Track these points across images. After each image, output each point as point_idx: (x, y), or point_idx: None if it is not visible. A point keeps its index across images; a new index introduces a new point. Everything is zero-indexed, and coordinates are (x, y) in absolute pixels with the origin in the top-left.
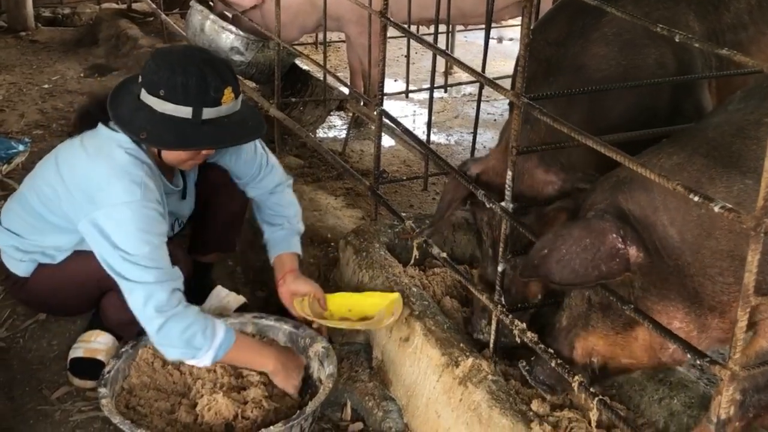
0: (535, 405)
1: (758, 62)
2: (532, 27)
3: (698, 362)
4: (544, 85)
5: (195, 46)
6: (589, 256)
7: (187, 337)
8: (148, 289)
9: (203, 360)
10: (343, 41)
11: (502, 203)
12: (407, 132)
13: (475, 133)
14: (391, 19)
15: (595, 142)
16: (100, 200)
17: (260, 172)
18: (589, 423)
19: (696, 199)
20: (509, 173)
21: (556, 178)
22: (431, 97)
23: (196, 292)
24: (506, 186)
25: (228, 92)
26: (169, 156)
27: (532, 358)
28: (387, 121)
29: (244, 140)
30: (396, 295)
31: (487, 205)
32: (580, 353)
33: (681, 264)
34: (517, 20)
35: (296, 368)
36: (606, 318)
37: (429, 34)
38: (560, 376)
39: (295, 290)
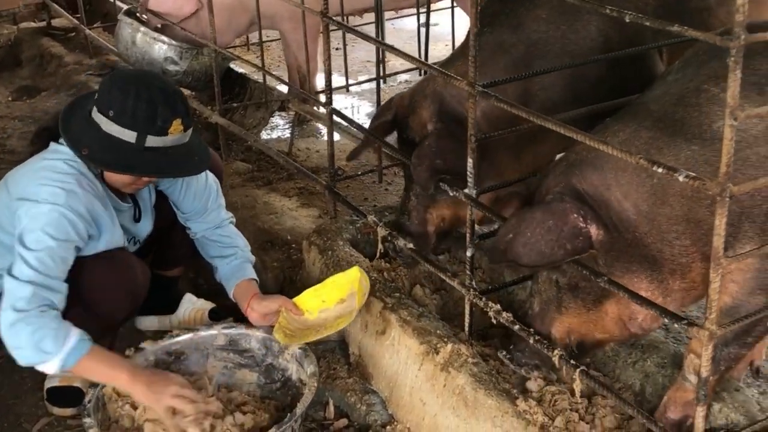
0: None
1: (710, 35)
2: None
3: (676, 325)
4: (483, 35)
5: (154, 73)
6: (553, 237)
7: (36, 339)
8: (16, 284)
9: (51, 366)
10: (274, 40)
11: (465, 190)
12: (360, 128)
13: None
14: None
15: (553, 123)
16: (26, 195)
17: (206, 208)
18: (572, 394)
19: (660, 170)
20: (470, 161)
21: (430, 121)
22: (378, 88)
23: (165, 305)
24: (468, 172)
25: (177, 124)
26: (111, 177)
27: (511, 346)
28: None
29: (183, 173)
30: (356, 270)
31: (450, 190)
32: (559, 335)
33: (639, 235)
34: (446, 2)
35: (165, 387)
36: (576, 298)
37: (361, 25)
38: (540, 356)
39: (266, 311)
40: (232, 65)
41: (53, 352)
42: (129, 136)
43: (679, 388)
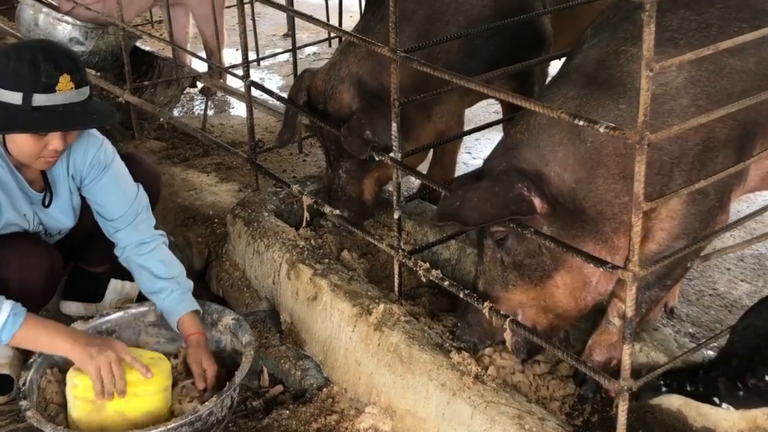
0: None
1: None
2: None
3: (602, 268)
4: (380, 4)
5: (43, 39)
6: (499, 200)
7: None
8: None
9: None
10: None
11: (391, 154)
12: (280, 98)
13: None
14: None
15: (476, 84)
16: None
17: (136, 214)
18: (503, 344)
19: (581, 123)
20: (394, 125)
21: (353, 101)
22: (295, 59)
23: (92, 294)
24: (393, 136)
25: (65, 80)
26: (15, 148)
27: (456, 325)
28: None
29: (77, 126)
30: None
31: (376, 157)
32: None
33: (580, 200)
34: None
35: (103, 351)
36: (522, 275)
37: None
38: (480, 331)
39: (194, 367)
40: (138, 44)
41: None
42: (15, 98)
43: (604, 332)
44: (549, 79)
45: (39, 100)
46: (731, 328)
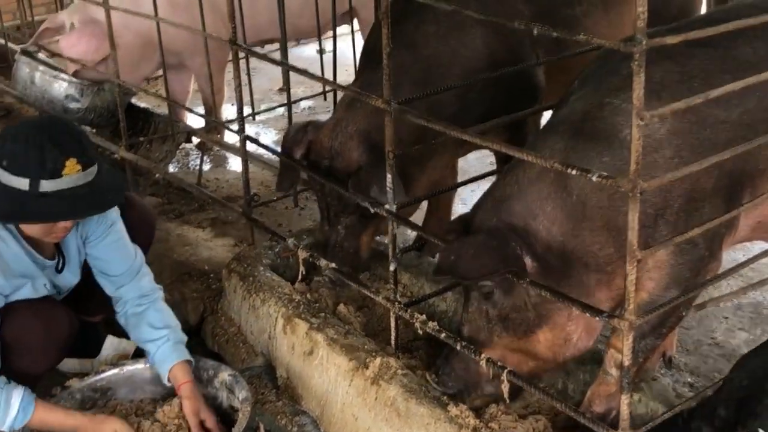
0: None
1: (614, 42)
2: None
3: (597, 318)
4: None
5: (53, 117)
6: (497, 254)
7: None
8: None
9: None
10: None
11: (386, 206)
12: (275, 152)
13: None
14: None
15: (469, 136)
16: None
17: (138, 270)
18: (501, 397)
19: (574, 172)
20: (388, 176)
21: (362, 158)
22: (290, 113)
23: (86, 347)
24: (387, 188)
25: (71, 164)
26: (26, 228)
27: (439, 370)
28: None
29: (82, 214)
30: None
31: (371, 210)
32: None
33: (566, 254)
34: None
35: (109, 422)
36: (507, 328)
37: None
38: (468, 379)
39: (188, 414)
40: (133, 100)
41: None
42: (22, 183)
43: (602, 383)
44: None
45: (46, 186)
46: (723, 380)
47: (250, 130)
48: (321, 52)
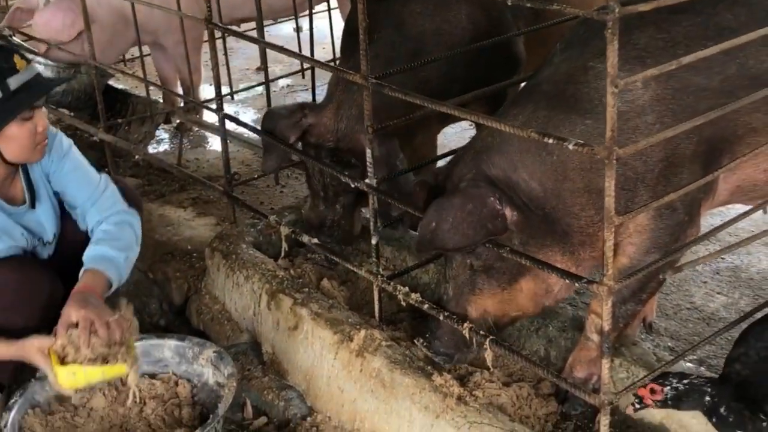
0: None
1: (588, 11)
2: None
3: (577, 284)
4: (370, 40)
5: None
6: (474, 219)
7: None
8: None
9: None
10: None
11: (366, 180)
12: (255, 130)
13: None
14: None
15: (448, 108)
16: None
17: (98, 191)
18: (484, 364)
19: (550, 141)
20: (368, 151)
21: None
22: (268, 92)
23: None
24: (367, 163)
25: (18, 60)
26: (12, 149)
27: (427, 335)
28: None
29: (51, 87)
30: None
31: (352, 184)
32: (475, 315)
33: (548, 211)
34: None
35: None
36: (490, 279)
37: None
38: (456, 342)
39: (67, 317)
40: (110, 82)
41: None
42: None
43: (583, 348)
44: None
45: (13, 83)
46: (727, 358)
47: (228, 109)
48: (298, 30)
